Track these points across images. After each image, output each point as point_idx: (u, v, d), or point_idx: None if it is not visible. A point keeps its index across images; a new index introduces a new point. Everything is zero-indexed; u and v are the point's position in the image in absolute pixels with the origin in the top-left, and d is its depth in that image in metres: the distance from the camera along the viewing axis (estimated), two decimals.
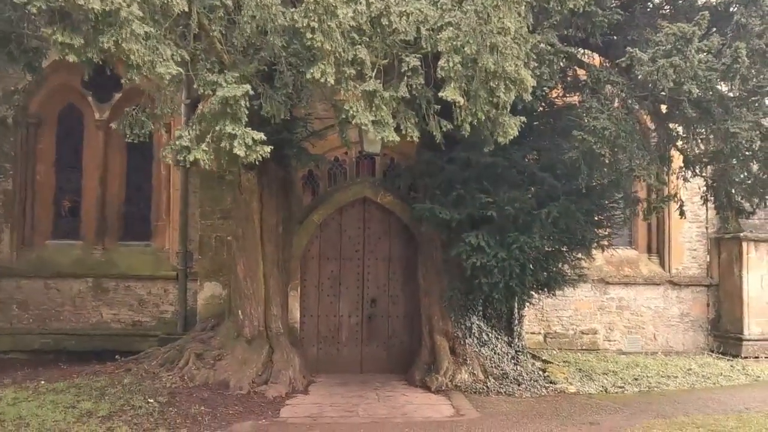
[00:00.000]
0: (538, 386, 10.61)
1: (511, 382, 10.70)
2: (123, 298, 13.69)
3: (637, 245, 14.58)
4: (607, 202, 10.57)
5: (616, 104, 9.26)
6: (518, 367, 11.10)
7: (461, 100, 6.62)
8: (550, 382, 10.80)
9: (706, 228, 14.47)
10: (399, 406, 9.81)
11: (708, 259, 14.49)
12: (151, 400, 9.28)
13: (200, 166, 6.84)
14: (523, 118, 7.63)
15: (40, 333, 13.45)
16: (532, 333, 13.70)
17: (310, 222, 11.96)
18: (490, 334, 11.35)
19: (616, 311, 14.24)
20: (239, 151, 6.51)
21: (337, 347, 12.10)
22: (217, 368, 10.44)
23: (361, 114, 6.74)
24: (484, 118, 7.23)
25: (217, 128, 6.58)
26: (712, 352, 14.02)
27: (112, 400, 9.24)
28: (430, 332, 11.35)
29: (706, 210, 14.11)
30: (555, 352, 13.57)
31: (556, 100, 11.20)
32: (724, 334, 14.10)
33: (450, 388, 10.61)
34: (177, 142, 6.74)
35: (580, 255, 10.75)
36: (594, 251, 11.33)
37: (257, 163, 6.74)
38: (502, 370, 10.97)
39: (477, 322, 11.24)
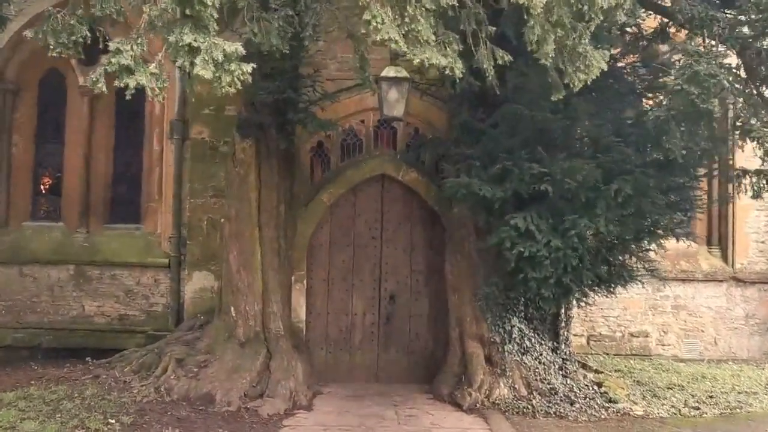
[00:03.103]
0: (596, 406, 8.15)
1: (561, 400, 8.25)
2: (108, 288, 11.30)
3: (696, 236, 11.96)
4: (683, 180, 7.95)
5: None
6: (568, 381, 8.65)
7: (538, 4, 4.12)
8: (610, 401, 8.34)
9: None
10: (425, 430, 7.45)
11: None
12: (113, 421, 7.00)
13: (149, 96, 4.43)
14: (609, 51, 5.14)
15: (14, 327, 11.11)
16: (574, 335, 11.05)
17: (318, 203, 9.54)
18: (532, 339, 8.89)
19: (671, 311, 11.67)
20: (204, 71, 4.11)
21: (349, 352, 9.68)
22: (201, 378, 8.09)
23: (389, 26, 4.29)
24: (553, 51, 4.79)
25: (171, 39, 4.15)
26: None
27: (64, 419, 6.97)
28: (460, 336, 8.91)
29: None
30: (602, 358, 11.05)
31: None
32: None
33: (486, 406, 8.20)
34: (113, 60, 4.32)
35: (650, 245, 8.23)
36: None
37: (236, 90, 4.30)
38: (549, 383, 8.52)
39: (518, 325, 8.78)
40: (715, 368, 10.65)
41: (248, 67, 4.21)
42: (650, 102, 8.24)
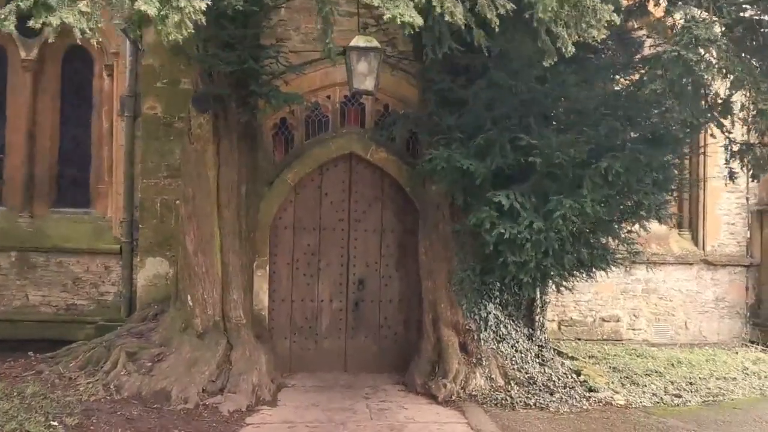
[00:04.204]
0: (577, 396, 7.62)
1: (540, 390, 7.70)
2: (54, 276, 10.35)
3: (676, 216, 11.50)
4: (668, 157, 7.41)
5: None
6: (546, 369, 8.12)
7: None
8: (590, 390, 7.83)
9: (747, 199, 11.53)
10: (399, 425, 6.78)
11: (748, 235, 11.57)
12: (55, 422, 6.16)
13: (78, 37, 3.64)
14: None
15: None
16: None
17: (282, 182, 8.76)
18: (508, 326, 8.36)
19: (642, 295, 11.28)
20: (147, 6, 3.35)
21: (315, 340, 8.97)
22: (155, 373, 7.27)
23: None
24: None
25: None
26: (753, 343, 11.16)
27: (0, 422, 6.05)
28: (434, 323, 8.28)
29: (747, 178, 11.19)
30: (574, 344, 10.60)
31: None
32: (766, 322, 11.22)
33: (462, 397, 7.61)
34: None
35: (634, 226, 7.69)
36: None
37: (187, 34, 3.54)
38: (526, 372, 7.98)
39: (494, 312, 8.23)
40: (689, 353, 10.29)
41: (201, 4, 3.45)
42: (634, 77, 7.67)
